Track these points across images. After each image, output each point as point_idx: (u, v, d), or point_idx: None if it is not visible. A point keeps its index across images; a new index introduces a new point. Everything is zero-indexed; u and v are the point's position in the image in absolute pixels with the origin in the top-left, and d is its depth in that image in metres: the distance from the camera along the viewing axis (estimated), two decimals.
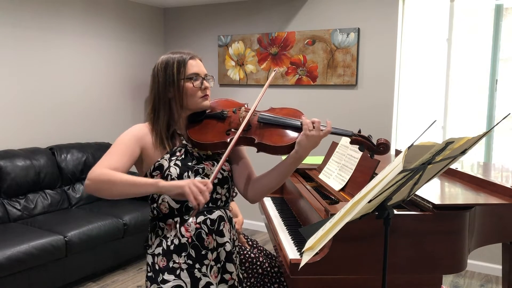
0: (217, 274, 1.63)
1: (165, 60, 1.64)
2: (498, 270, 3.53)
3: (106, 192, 1.48)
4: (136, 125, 1.66)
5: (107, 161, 1.51)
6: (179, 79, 1.61)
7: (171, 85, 1.61)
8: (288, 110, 1.74)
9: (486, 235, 2.07)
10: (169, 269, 1.58)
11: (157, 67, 1.65)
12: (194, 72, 1.63)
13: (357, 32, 4.23)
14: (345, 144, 2.45)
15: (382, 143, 1.61)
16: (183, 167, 1.58)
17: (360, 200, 1.27)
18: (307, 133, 1.55)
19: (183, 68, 1.61)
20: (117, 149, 1.56)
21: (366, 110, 4.29)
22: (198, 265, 1.59)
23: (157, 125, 1.62)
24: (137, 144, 1.58)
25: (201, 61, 1.69)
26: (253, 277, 2.44)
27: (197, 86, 1.62)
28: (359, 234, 1.78)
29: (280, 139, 1.62)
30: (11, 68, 3.96)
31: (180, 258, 1.58)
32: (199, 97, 1.64)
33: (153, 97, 1.64)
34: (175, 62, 1.62)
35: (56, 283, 3.37)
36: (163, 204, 1.61)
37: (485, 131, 1.38)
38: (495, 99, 3.87)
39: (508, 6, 3.80)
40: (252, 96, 4.85)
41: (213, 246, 1.62)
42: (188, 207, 1.59)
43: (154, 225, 1.65)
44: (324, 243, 1.33)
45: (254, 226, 4.94)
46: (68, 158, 4.16)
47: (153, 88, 1.65)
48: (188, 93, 1.62)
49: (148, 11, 5.29)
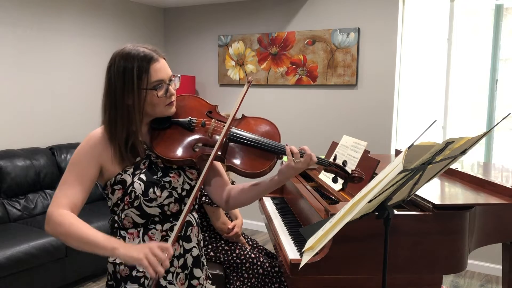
0: (184, 281, 1.53)
1: (123, 62, 1.41)
2: (498, 270, 3.53)
3: (66, 243, 1.40)
4: (91, 138, 1.46)
5: (65, 196, 1.39)
6: (140, 89, 1.40)
7: (130, 92, 1.40)
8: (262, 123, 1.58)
9: (486, 235, 2.07)
10: (132, 278, 1.47)
11: (113, 69, 1.43)
12: (158, 79, 1.42)
13: (357, 32, 4.23)
14: (345, 144, 2.45)
15: (357, 176, 1.53)
16: (147, 183, 1.44)
17: (360, 200, 1.27)
18: (292, 165, 1.43)
19: (145, 74, 1.40)
20: (73, 176, 1.42)
21: (366, 110, 4.29)
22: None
23: (115, 137, 1.43)
24: (94, 163, 1.43)
25: (165, 60, 1.48)
26: (253, 277, 2.44)
27: (161, 96, 1.43)
28: (359, 234, 1.78)
29: (253, 164, 1.48)
30: (11, 68, 3.95)
31: None
32: (164, 106, 1.46)
33: (109, 104, 1.43)
34: (135, 68, 1.40)
35: (56, 283, 3.37)
36: (127, 219, 1.49)
37: (485, 131, 1.38)
38: (495, 99, 3.87)
39: (508, 6, 3.80)
40: (251, 96, 4.85)
41: (180, 252, 1.52)
42: (154, 220, 1.48)
43: (115, 232, 1.53)
44: (324, 243, 1.33)
45: (254, 226, 4.94)
46: (68, 158, 4.16)
47: (108, 94, 1.43)
48: (151, 103, 1.43)
49: (148, 11, 5.29)
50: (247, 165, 1.48)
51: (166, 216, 1.50)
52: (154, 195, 1.45)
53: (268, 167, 1.49)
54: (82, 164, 1.43)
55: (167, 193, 1.47)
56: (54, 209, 1.38)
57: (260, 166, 1.48)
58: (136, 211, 1.47)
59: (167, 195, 1.48)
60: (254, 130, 1.55)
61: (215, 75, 5.14)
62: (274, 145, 1.49)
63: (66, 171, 1.45)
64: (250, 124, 1.57)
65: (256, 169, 1.48)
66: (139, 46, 1.46)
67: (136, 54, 1.42)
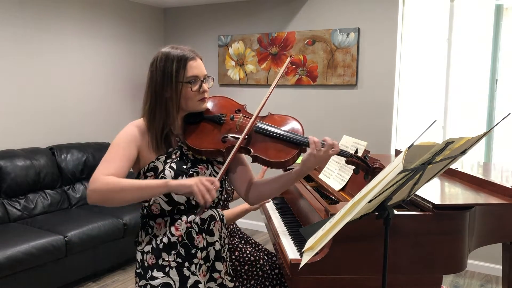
0: (206, 272, 1.63)
1: (164, 58, 1.58)
2: (498, 270, 3.53)
3: (114, 201, 1.45)
4: (132, 125, 1.61)
5: (107, 169, 1.47)
6: (178, 82, 1.56)
7: (168, 85, 1.57)
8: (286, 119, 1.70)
9: (486, 235, 2.07)
10: (158, 266, 1.58)
11: (155, 63, 1.60)
12: (193, 74, 1.58)
13: (357, 32, 4.23)
14: (345, 144, 2.45)
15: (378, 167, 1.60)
16: (177, 171, 1.57)
17: (360, 200, 1.27)
18: (314, 153, 1.53)
19: (183, 69, 1.57)
20: (115, 153, 1.52)
21: (366, 110, 4.29)
22: (187, 263, 1.59)
23: (153, 126, 1.58)
24: (134, 146, 1.56)
25: (201, 60, 1.64)
26: (253, 279, 2.43)
27: (195, 90, 1.58)
28: (359, 234, 1.78)
29: (277, 155, 1.58)
30: (11, 68, 3.96)
31: (170, 256, 1.58)
32: (196, 100, 1.61)
33: (150, 95, 1.60)
34: (175, 62, 1.56)
35: (56, 283, 3.37)
36: (155, 205, 1.60)
37: (485, 131, 1.38)
38: (495, 99, 3.87)
39: (508, 6, 3.80)
40: (252, 96, 4.85)
41: (203, 245, 1.62)
42: (180, 209, 1.60)
43: (144, 222, 1.65)
44: (324, 243, 1.33)
45: (254, 226, 4.94)
46: (68, 158, 4.16)
47: (150, 86, 1.61)
48: (185, 96, 1.58)
49: (148, 11, 5.29)
50: (271, 155, 1.58)
51: (191, 206, 1.60)
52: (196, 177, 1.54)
53: (292, 157, 1.57)
54: (123, 145, 1.55)
55: (207, 177, 1.55)
56: (98, 175, 1.46)
57: (284, 155, 1.57)
58: (164, 197, 1.58)
59: None
60: (280, 124, 1.66)
61: (215, 75, 5.14)
62: (298, 138, 1.59)
63: (107, 153, 1.54)
64: (275, 120, 1.69)
65: (280, 159, 1.57)
66: (179, 47, 1.63)
67: (176, 53, 1.59)
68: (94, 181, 1.44)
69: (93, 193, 1.43)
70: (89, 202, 1.47)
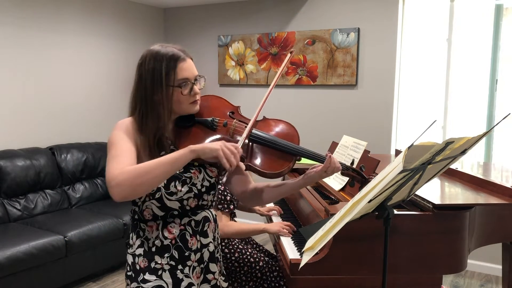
0: (200, 274, 1.60)
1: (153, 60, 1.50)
2: (498, 270, 3.53)
3: (143, 186, 1.35)
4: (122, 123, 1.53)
5: (119, 163, 1.38)
6: (168, 85, 1.49)
7: (158, 89, 1.49)
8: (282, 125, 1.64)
9: (486, 235, 2.07)
10: (151, 269, 1.54)
11: (144, 65, 1.52)
12: (183, 77, 1.51)
13: (357, 32, 4.23)
14: (345, 144, 2.45)
15: None
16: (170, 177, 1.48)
17: (360, 200, 1.27)
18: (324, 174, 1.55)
19: (173, 72, 1.49)
20: (120, 149, 1.44)
21: (366, 110, 4.29)
22: (181, 266, 1.56)
23: (145, 131, 1.50)
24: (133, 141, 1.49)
25: (191, 60, 1.56)
26: (251, 280, 2.43)
27: (186, 94, 1.51)
28: (359, 234, 1.78)
29: (271, 165, 1.52)
30: (11, 68, 3.95)
31: (163, 259, 1.55)
32: (188, 103, 1.54)
33: (140, 99, 1.52)
34: (164, 65, 1.49)
35: (56, 283, 3.37)
36: (147, 211, 1.54)
37: (485, 131, 1.38)
38: (495, 99, 3.87)
39: (508, 6, 3.80)
40: (252, 96, 4.85)
41: (197, 247, 1.58)
42: (173, 214, 1.54)
43: (135, 225, 1.59)
44: (324, 243, 1.33)
45: None
46: (68, 158, 4.16)
47: (139, 89, 1.53)
48: (176, 100, 1.52)
49: (148, 11, 5.29)
50: (266, 165, 1.52)
51: (185, 211, 1.56)
52: (175, 189, 1.51)
53: (287, 167, 1.53)
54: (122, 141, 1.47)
55: (187, 188, 1.54)
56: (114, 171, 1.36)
57: (279, 167, 1.52)
58: (156, 202, 1.52)
59: (187, 190, 1.53)
60: (274, 132, 1.60)
61: (215, 75, 5.14)
62: (295, 148, 1.55)
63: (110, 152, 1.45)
64: (270, 126, 1.63)
65: (274, 170, 1.52)
66: (168, 46, 1.54)
67: (165, 53, 1.51)
68: (113, 178, 1.34)
69: (118, 188, 1.33)
70: (117, 199, 1.36)
